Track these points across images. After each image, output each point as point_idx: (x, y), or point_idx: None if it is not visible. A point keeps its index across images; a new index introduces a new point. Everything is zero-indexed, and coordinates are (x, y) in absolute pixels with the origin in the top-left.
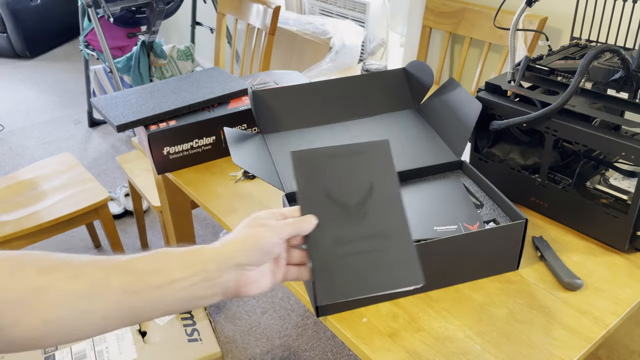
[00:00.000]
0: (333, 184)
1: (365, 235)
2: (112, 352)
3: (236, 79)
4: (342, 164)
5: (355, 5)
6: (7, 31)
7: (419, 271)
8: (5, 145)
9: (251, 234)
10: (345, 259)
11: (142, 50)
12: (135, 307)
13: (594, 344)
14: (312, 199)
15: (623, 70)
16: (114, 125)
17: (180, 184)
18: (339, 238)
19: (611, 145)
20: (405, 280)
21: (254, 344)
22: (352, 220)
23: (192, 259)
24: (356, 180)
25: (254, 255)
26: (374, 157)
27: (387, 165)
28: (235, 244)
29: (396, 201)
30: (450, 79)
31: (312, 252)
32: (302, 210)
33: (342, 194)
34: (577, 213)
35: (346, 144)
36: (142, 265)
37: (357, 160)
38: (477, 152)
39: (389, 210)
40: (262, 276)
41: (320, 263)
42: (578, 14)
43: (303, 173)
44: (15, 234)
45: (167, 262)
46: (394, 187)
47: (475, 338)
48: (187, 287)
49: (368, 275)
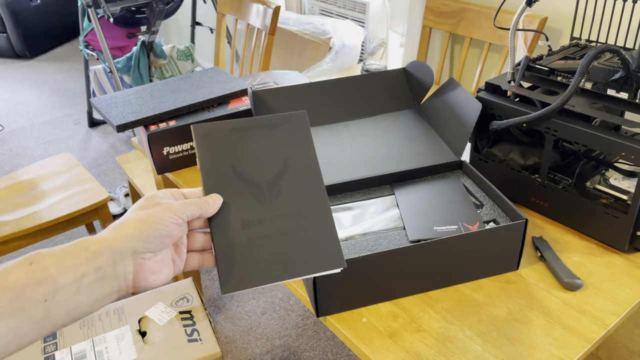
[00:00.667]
0: (241, 160)
1: (278, 216)
2: (112, 352)
3: (236, 79)
4: (252, 138)
5: (355, 5)
6: (6, 31)
7: (340, 253)
8: (5, 146)
9: (146, 215)
10: (255, 242)
11: (142, 50)
12: (21, 329)
13: (594, 344)
14: (217, 177)
15: (623, 71)
16: (114, 126)
17: (180, 184)
18: (247, 220)
19: (611, 145)
20: (323, 264)
21: (254, 344)
22: (264, 199)
23: (76, 257)
24: (268, 155)
25: (152, 240)
26: (288, 130)
27: (303, 139)
28: (127, 228)
29: (314, 178)
30: (450, 79)
31: (216, 235)
32: (206, 189)
33: (252, 171)
34: (577, 213)
35: (257, 117)
36: (17, 278)
37: (268, 134)
38: (477, 152)
39: (305, 188)
40: (163, 265)
41: (225, 247)
42: (578, 14)
43: (206, 148)
44: (15, 234)
45: (46, 267)
46: (311, 163)
47: (475, 338)
48: (77, 292)
49: (281, 259)
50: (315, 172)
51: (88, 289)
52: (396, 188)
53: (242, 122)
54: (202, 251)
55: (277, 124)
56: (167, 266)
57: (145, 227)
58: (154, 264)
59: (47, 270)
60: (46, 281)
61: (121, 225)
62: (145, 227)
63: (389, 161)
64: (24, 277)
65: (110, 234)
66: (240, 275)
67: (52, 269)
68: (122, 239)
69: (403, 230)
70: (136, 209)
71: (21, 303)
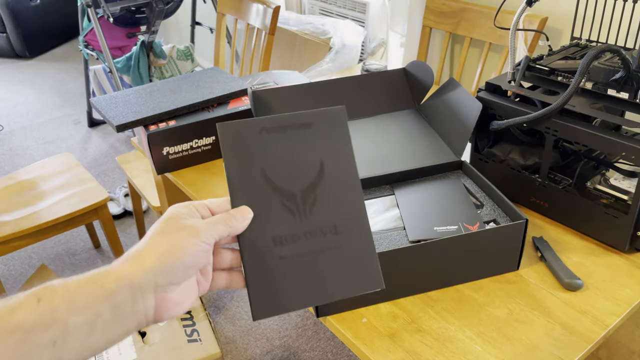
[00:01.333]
0: (273, 165)
1: (313, 231)
2: (112, 352)
3: (236, 79)
4: (285, 138)
5: (355, 5)
6: (6, 31)
7: (379, 273)
8: (5, 146)
9: (169, 245)
10: (288, 261)
11: (142, 50)
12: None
13: (594, 345)
14: (246, 185)
15: (623, 70)
16: (114, 126)
17: (180, 184)
18: (280, 236)
19: (611, 145)
20: (361, 285)
21: (254, 345)
22: (297, 211)
23: (90, 295)
24: (303, 159)
25: (176, 272)
26: (324, 128)
27: (341, 139)
28: (148, 259)
29: (352, 185)
30: (451, 79)
31: (246, 255)
32: (234, 200)
33: (285, 178)
34: (577, 213)
35: (290, 114)
36: (23, 318)
37: (303, 133)
38: (477, 152)
39: (342, 198)
40: (187, 293)
41: (256, 268)
42: (578, 14)
43: (234, 151)
44: (15, 234)
45: (56, 306)
46: (349, 167)
47: (476, 338)
48: (91, 332)
49: (316, 281)
50: (353, 178)
51: (103, 328)
52: (396, 188)
53: (274, 120)
54: (230, 269)
55: (312, 122)
56: (192, 293)
57: (168, 259)
58: (178, 294)
59: (56, 310)
60: (56, 323)
61: (140, 256)
62: (168, 259)
63: (389, 161)
64: (31, 317)
65: (129, 267)
66: (273, 299)
67: (62, 308)
68: (142, 272)
69: (403, 231)
70: (157, 235)
71: (27, 347)
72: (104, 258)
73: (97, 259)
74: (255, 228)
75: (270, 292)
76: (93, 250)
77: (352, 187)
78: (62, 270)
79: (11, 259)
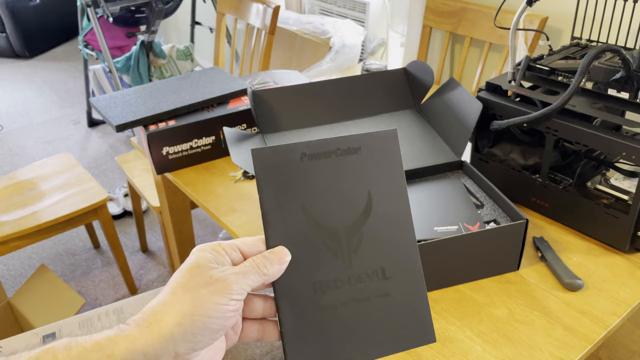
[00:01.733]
0: (315, 198)
1: (358, 276)
2: None
3: (236, 79)
4: (329, 167)
5: (355, 5)
6: (6, 31)
7: (431, 325)
8: (5, 145)
9: (193, 305)
10: (329, 312)
11: (142, 50)
12: None
13: (594, 345)
14: (284, 222)
15: (624, 70)
16: (113, 126)
17: (179, 184)
18: (321, 281)
19: (612, 145)
20: (410, 340)
21: (254, 344)
22: (341, 252)
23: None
24: (348, 191)
25: (199, 339)
26: (374, 155)
27: (392, 167)
28: (166, 324)
29: (403, 221)
30: (451, 78)
31: (282, 303)
32: (270, 240)
33: (328, 213)
34: (577, 213)
35: (334, 137)
36: None
37: (349, 160)
38: (478, 152)
39: (392, 237)
40: (212, 353)
41: (294, 319)
42: (579, 14)
43: (271, 182)
44: (15, 234)
45: None
46: (401, 200)
47: (476, 339)
48: None
49: (361, 334)
50: (405, 213)
51: None
52: None
53: (316, 146)
54: (262, 319)
55: (360, 147)
56: (219, 352)
57: (191, 324)
58: (202, 357)
59: None
60: None
61: (157, 320)
62: (190, 325)
63: None
64: None
65: (144, 333)
66: (312, 355)
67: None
68: (160, 341)
69: None
70: (180, 289)
71: None
72: (103, 258)
73: (96, 259)
74: (292, 272)
75: (309, 347)
76: (92, 251)
77: (404, 223)
78: (62, 270)
79: (11, 259)
